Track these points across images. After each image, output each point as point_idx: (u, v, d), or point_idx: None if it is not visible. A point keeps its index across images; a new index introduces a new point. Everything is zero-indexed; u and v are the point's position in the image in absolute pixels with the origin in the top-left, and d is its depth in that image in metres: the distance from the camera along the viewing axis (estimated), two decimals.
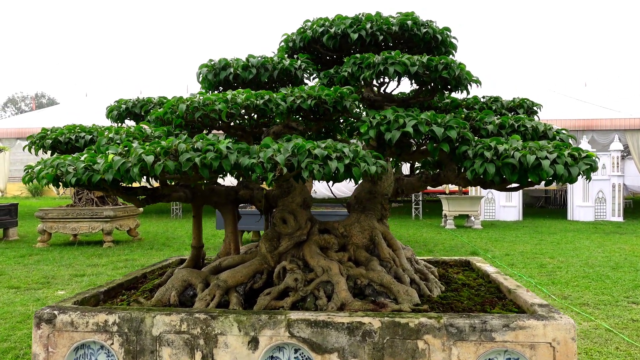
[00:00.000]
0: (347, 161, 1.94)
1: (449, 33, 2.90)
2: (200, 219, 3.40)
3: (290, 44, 2.94)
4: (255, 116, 2.31)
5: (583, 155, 2.12)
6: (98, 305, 2.95)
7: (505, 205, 17.07)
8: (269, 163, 1.90)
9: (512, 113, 3.02)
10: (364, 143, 2.72)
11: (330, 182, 2.12)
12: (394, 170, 3.28)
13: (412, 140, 2.29)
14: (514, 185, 2.38)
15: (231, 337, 2.48)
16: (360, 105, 2.75)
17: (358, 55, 2.49)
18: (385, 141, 2.28)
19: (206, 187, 3.16)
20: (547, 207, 22.70)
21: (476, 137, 2.35)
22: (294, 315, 2.47)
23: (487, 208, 17.32)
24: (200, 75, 2.73)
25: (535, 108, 3.06)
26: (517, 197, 17.01)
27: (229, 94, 2.22)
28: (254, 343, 2.47)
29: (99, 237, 12.26)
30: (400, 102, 2.89)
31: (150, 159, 1.84)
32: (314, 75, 2.87)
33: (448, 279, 3.42)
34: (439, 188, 20.52)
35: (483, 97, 3.06)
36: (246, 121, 2.33)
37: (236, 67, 2.61)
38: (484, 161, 2.11)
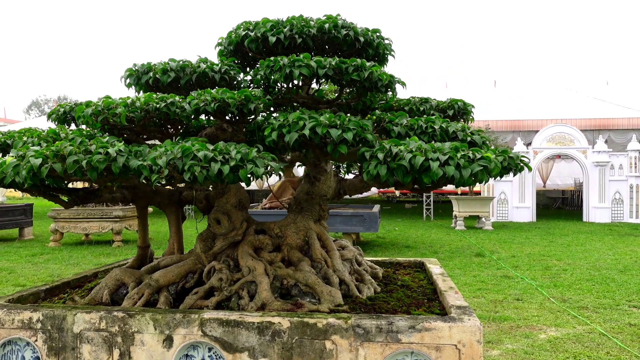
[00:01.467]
0: (232, 163, 1.97)
1: (379, 35, 2.89)
2: (146, 220, 3.48)
3: (222, 48, 2.99)
4: (164, 119, 2.36)
5: (479, 156, 2.09)
6: (36, 302, 3.06)
7: (519, 206, 16.75)
8: (157, 166, 1.95)
9: (443, 114, 2.99)
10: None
11: None
12: (334, 171, 3.29)
13: (327, 141, 2.30)
14: (429, 185, 2.36)
15: (147, 335, 2.54)
16: (272, 108, 2.78)
17: (272, 58, 2.52)
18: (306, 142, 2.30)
19: (148, 188, 3.23)
20: (564, 208, 22.16)
21: (385, 139, 2.34)
22: (207, 314, 2.51)
23: (500, 209, 17.03)
24: (124, 80, 2.80)
25: (468, 108, 3.02)
26: (531, 198, 16.67)
27: (130, 98, 2.28)
28: (168, 341, 2.52)
29: (110, 236, 12.57)
30: (329, 104, 2.90)
31: (37, 161, 1.91)
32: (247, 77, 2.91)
33: (391, 280, 3.41)
34: (451, 188, 20.30)
35: (412, 98, 3.04)
36: (152, 124, 2.38)
37: (155, 71, 2.67)
38: (378, 163, 2.11)
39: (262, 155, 2.06)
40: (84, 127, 2.82)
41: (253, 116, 2.47)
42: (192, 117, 2.37)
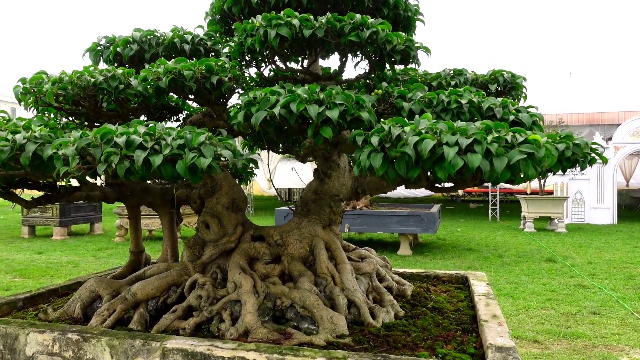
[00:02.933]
0: (166, 151, 1.44)
1: None
2: (138, 221, 3.05)
3: (211, 18, 2.47)
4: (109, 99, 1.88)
5: (521, 139, 1.40)
6: (10, 313, 2.71)
7: (597, 207, 15.20)
8: (71, 155, 1.47)
9: (485, 90, 2.27)
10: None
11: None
12: (350, 167, 2.68)
13: (308, 123, 1.72)
14: (449, 184, 1.71)
15: None
16: (252, 83, 2.22)
17: (251, 19, 1.96)
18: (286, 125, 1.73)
19: (138, 186, 2.79)
20: None
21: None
22: (171, 343, 2.00)
23: (575, 210, 15.56)
24: (84, 56, 2.36)
25: (518, 82, 2.28)
26: (611, 198, 15.06)
27: (63, 72, 1.81)
28: None
29: None
30: (336, 81, 2.30)
31: None
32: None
33: (420, 301, 2.75)
34: (520, 187, 18.84)
35: (443, 71, 2.35)
36: (106, 103, 1.90)
37: (117, 44, 2.20)
38: (372, 150, 1.49)
39: (214, 141, 1.51)
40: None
41: (226, 94, 1.93)
42: (151, 95, 1.86)
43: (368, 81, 2.42)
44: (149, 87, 1.82)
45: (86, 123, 2.30)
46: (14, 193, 2.28)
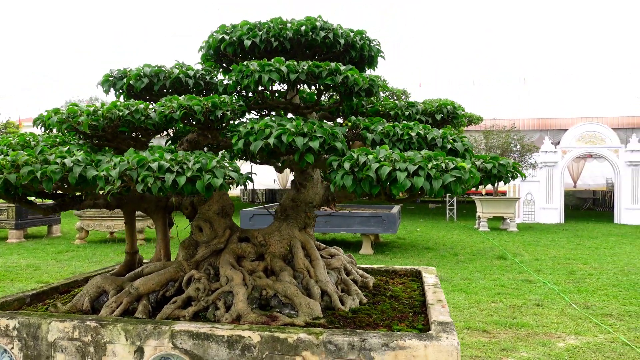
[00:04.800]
0: (189, 174, 1.90)
1: (363, 36, 2.75)
2: (133, 225, 3.45)
3: (204, 52, 2.92)
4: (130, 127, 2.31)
5: (452, 166, 1.94)
6: (21, 308, 3.07)
7: (546, 207, 16.24)
8: (110, 176, 1.90)
9: (431, 119, 2.83)
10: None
11: None
12: (322, 178, 3.18)
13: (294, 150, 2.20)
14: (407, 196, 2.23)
15: (119, 346, 2.49)
16: (250, 113, 2.69)
17: (245, 62, 2.43)
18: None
19: (135, 194, 3.19)
20: (594, 209, 21.37)
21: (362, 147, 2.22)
22: (178, 326, 2.45)
23: (526, 210, 16.57)
24: (100, 86, 2.77)
25: (458, 112, 2.85)
26: (559, 199, 16.15)
27: (93, 106, 2.23)
28: (139, 352, 2.47)
29: None
30: (312, 109, 2.79)
31: None
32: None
33: (380, 291, 3.28)
34: (475, 189, 19.86)
35: (398, 102, 2.90)
36: (124, 129, 2.32)
37: (130, 77, 2.62)
38: (344, 173, 1.99)
39: (223, 165, 1.97)
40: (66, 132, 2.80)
41: (224, 123, 2.39)
42: (163, 124, 2.30)
43: (339, 107, 2.92)
44: (163, 118, 2.25)
45: (96, 141, 2.70)
46: (32, 202, 2.66)
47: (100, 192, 1.95)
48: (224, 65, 3.09)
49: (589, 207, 21.86)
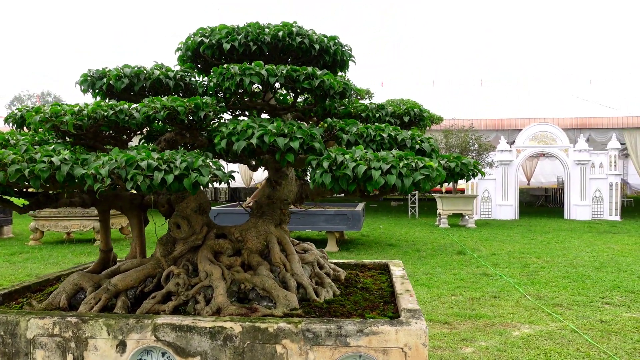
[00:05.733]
0: (177, 172, 1.99)
1: (336, 42, 2.91)
2: (108, 223, 3.48)
3: (182, 53, 3.00)
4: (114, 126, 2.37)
5: (421, 165, 2.13)
6: None
7: (502, 204, 16.90)
8: (100, 175, 1.97)
9: (399, 121, 3.03)
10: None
11: None
12: (296, 176, 3.32)
13: (275, 149, 2.32)
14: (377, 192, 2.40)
15: (101, 341, 2.55)
16: (228, 114, 2.80)
17: (225, 65, 2.54)
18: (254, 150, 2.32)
19: (109, 192, 3.23)
20: (546, 206, 22.41)
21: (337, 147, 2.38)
22: (160, 319, 2.53)
23: (484, 207, 17.17)
24: (78, 85, 2.81)
25: (424, 115, 3.07)
26: (514, 196, 16.84)
27: (77, 106, 2.29)
28: (121, 346, 2.54)
29: (91, 235, 12.47)
30: (288, 110, 2.93)
31: None
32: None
33: (352, 283, 3.45)
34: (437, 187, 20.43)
35: (369, 105, 3.08)
36: (105, 129, 2.39)
37: (109, 77, 2.68)
38: (323, 171, 2.14)
39: (208, 163, 2.08)
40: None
41: (206, 123, 2.49)
42: (145, 124, 2.38)
43: (313, 108, 3.06)
44: (146, 118, 2.33)
45: (75, 140, 2.74)
46: (8, 200, 2.67)
47: (87, 190, 2.01)
48: (200, 66, 3.18)
49: (542, 204, 22.87)
